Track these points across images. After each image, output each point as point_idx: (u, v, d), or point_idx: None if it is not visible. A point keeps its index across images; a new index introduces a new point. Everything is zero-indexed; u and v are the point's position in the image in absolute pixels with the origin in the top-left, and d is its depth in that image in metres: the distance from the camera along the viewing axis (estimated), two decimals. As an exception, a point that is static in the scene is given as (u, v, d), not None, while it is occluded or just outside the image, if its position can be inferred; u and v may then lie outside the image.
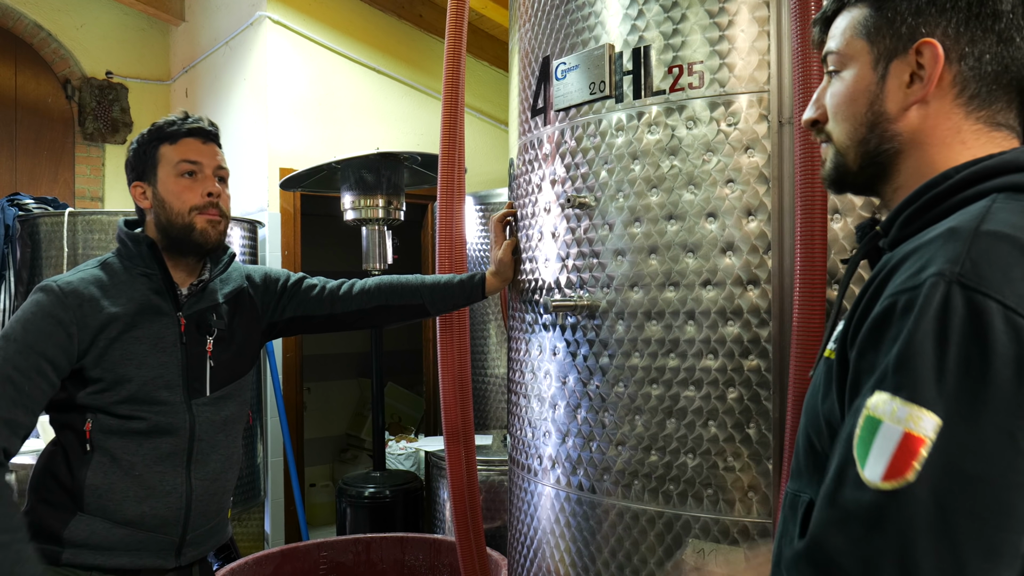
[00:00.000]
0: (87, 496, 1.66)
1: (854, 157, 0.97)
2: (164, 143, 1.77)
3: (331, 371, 6.76)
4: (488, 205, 4.37)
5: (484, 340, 4.38)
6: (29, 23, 5.37)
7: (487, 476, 3.51)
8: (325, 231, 5.68)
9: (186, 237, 1.75)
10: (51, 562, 1.64)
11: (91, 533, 1.65)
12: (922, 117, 0.91)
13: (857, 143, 0.96)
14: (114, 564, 1.67)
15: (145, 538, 1.69)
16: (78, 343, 1.64)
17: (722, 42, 1.57)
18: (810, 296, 1.40)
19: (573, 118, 1.79)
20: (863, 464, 0.74)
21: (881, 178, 0.97)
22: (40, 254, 3.79)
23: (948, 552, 0.68)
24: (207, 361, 1.79)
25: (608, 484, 1.69)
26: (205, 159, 1.78)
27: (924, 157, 0.92)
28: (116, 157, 5.62)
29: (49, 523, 1.66)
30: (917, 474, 0.70)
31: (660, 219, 1.62)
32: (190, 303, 1.79)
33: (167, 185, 1.75)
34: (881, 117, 0.94)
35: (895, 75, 0.92)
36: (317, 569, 3.04)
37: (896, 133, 0.93)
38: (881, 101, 0.94)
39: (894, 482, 0.71)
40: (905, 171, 0.94)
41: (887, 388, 0.74)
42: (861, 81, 0.95)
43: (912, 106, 0.91)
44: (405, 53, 5.25)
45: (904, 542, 0.69)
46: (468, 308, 2.15)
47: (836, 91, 0.99)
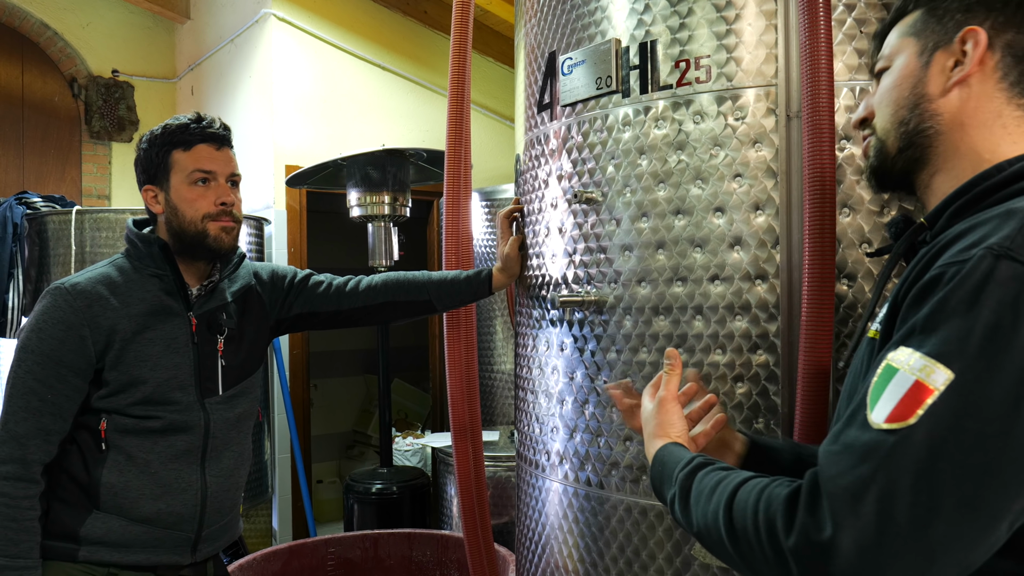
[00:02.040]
0: (103, 494, 1.66)
1: (894, 139, 1.00)
2: (177, 148, 1.75)
3: (338, 368, 6.76)
4: (494, 201, 4.36)
5: (490, 336, 4.38)
6: (35, 22, 5.38)
7: (494, 472, 3.51)
8: (331, 228, 5.68)
9: (200, 243, 1.75)
10: (68, 560, 1.65)
11: (108, 531, 1.66)
12: (963, 99, 0.94)
13: (898, 124, 0.99)
14: (131, 561, 1.68)
15: (161, 535, 1.70)
16: (92, 344, 1.65)
17: (729, 36, 1.56)
18: (819, 291, 1.40)
19: (580, 113, 1.78)
20: (872, 408, 0.78)
21: (919, 162, 0.99)
22: (48, 252, 3.80)
23: (926, 494, 0.72)
24: (219, 360, 1.79)
25: (616, 480, 1.69)
26: (219, 166, 1.77)
27: (964, 138, 0.94)
28: (123, 155, 5.63)
29: (65, 521, 1.67)
30: (918, 418, 0.74)
31: (668, 214, 1.62)
32: (200, 303, 1.79)
33: (180, 192, 1.74)
34: (923, 98, 0.97)
35: (938, 61, 0.96)
36: (325, 565, 3.05)
37: (936, 113, 0.96)
38: (923, 84, 0.97)
39: (895, 424, 0.75)
40: (943, 153, 0.96)
41: (911, 344, 0.78)
42: (906, 68, 0.99)
43: (954, 88, 0.95)
44: (410, 50, 5.24)
45: (890, 478, 0.73)
46: (475, 304, 2.15)
47: (884, 84, 1.03)
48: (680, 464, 1.03)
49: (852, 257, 1.48)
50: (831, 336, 1.40)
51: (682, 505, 0.99)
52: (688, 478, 0.99)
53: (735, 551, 0.86)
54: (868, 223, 1.48)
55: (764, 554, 0.81)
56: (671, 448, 1.10)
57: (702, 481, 0.97)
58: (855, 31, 1.50)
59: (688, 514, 0.97)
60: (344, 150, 3.72)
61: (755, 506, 0.84)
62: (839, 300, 1.46)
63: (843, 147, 1.49)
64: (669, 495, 1.03)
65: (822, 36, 1.41)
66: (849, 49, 1.50)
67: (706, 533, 0.92)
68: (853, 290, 1.48)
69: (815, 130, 1.40)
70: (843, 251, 1.47)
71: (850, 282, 1.48)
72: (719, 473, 0.96)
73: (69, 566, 1.65)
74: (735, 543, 0.86)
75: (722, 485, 0.92)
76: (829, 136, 1.40)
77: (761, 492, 0.85)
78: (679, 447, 1.10)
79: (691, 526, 0.96)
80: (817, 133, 1.40)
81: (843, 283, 1.48)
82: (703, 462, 1.01)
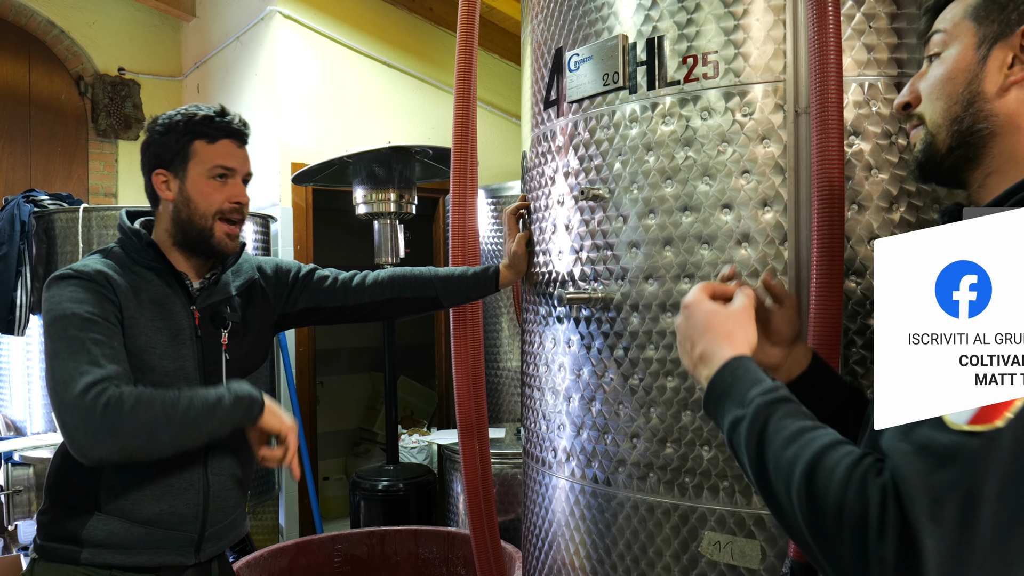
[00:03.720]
0: (104, 496, 1.64)
1: (945, 136, 0.96)
2: (201, 139, 1.74)
3: (344, 365, 6.78)
4: (500, 198, 4.36)
5: (496, 333, 4.38)
6: (42, 20, 5.40)
7: (500, 469, 3.51)
8: (337, 225, 5.69)
9: (203, 241, 1.74)
10: (70, 562, 1.63)
11: (109, 533, 1.64)
12: (1021, 101, 0.91)
13: (950, 121, 0.95)
14: (133, 563, 1.66)
15: (164, 536, 1.68)
16: (120, 308, 1.62)
17: (737, 31, 1.55)
18: (827, 287, 1.39)
19: (586, 110, 1.78)
20: None
21: (971, 162, 0.95)
22: (56, 250, 3.81)
23: (1012, 502, 0.69)
24: (223, 355, 1.78)
25: (623, 476, 1.69)
26: (239, 164, 1.77)
27: (1021, 141, 0.91)
28: (129, 153, 5.65)
29: (67, 523, 1.65)
30: (1008, 421, 0.71)
31: (675, 211, 1.61)
32: (203, 296, 1.77)
33: (197, 184, 1.73)
34: (978, 96, 0.93)
35: (996, 57, 0.92)
36: (332, 562, 3.05)
37: (992, 113, 0.92)
38: (979, 81, 0.93)
39: (979, 426, 0.72)
40: (999, 155, 0.92)
41: None
42: (962, 61, 0.95)
43: (1012, 88, 0.91)
44: (416, 47, 5.24)
45: (974, 482, 0.70)
46: (481, 301, 2.15)
47: (935, 73, 0.98)
48: (759, 388, 0.93)
49: (861, 253, 1.47)
50: (839, 332, 1.39)
51: (749, 434, 0.90)
52: (767, 408, 0.90)
53: (804, 517, 0.81)
54: (877, 219, 1.47)
55: (841, 538, 0.77)
56: (747, 364, 0.99)
57: (783, 420, 0.88)
58: (864, 26, 1.49)
59: (752, 448, 0.89)
60: (350, 147, 3.72)
61: (844, 484, 0.78)
62: (847, 297, 1.46)
63: (852, 143, 1.48)
64: (732, 416, 0.93)
65: (831, 31, 1.40)
66: (858, 44, 1.49)
67: (768, 480, 0.86)
68: (861, 287, 1.47)
69: (823, 126, 1.40)
70: (851, 247, 1.47)
71: (858, 279, 1.47)
72: (803, 420, 0.88)
73: (71, 568, 1.63)
74: (808, 511, 0.80)
75: (806, 438, 0.85)
76: (838, 132, 1.39)
77: (851, 470, 0.79)
78: (755, 365, 0.99)
79: (750, 463, 0.89)
80: (825, 129, 1.39)
81: (851, 280, 1.47)
82: (786, 396, 0.92)
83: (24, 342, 4.01)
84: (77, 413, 1.47)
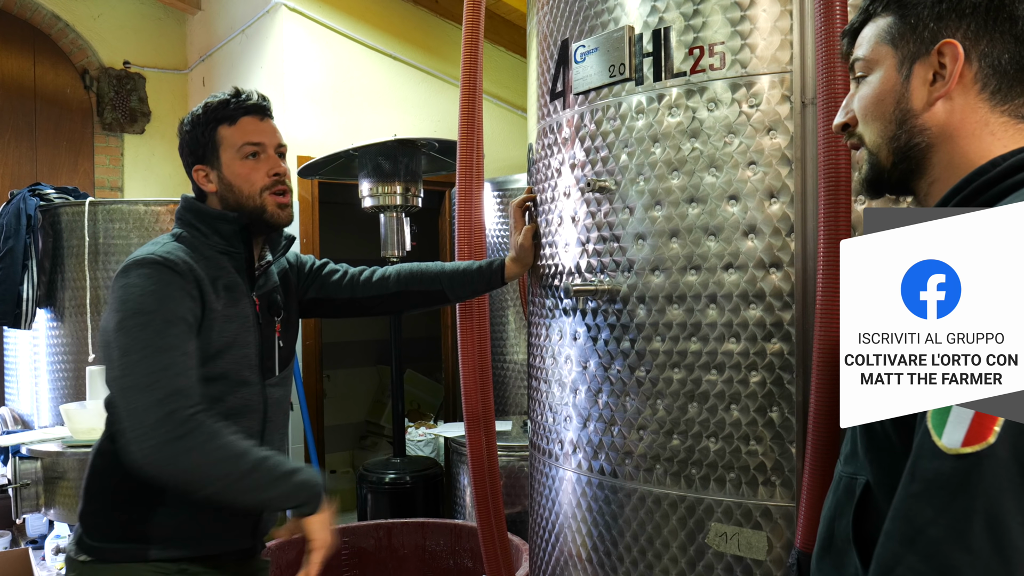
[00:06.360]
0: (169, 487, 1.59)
1: (887, 154, 1.01)
2: (222, 124, 1.73)
3: (350, 358, 6.78)
4: (506, 191, 4.36)
5: (503, 326, 4.38)
6: (47, 14, 5.40)
7: (507, 462, 3.52)
8: (343, 218, 5.69)
9: (258, 218, 1.74)
10: (137, 561, 1.61)
11: (177, 525, 1.62)
12: (948, 111, 0.95)
13: (888, 139, 1.00)
14: (202, 552, 1.66)
15: (228, 521, 1.69)
16: (196, 302, 1.60)
17: (743, 22, 1.55)
18: (834, 279, 1.39)
19: (592, 101, 1.77)
20: (939, 434, 0.75)
21: (915, 173, 1.00)
22: (62, 244, 3.82)
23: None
24: (276, 341, 1.79)
25: (630, 468, 1.69)
26: (267, 137, 1.76)
27: (956, 149, 0.95)
28: (135, 147, 5.66)
29: (129, 523, 1.62)
30: (997, 435, 0.72)
31: (681, 202, 1.61)
32: (259, 283, 1.78)
33: (233, 168, 1.73)
34: (908, 114, 0.98)
35: (918, 75, 0.97)
36: (339, 554, 3.06)
37: (924, 127, 0.97)
38: (907, 99, 0.98)
39: (975, 446, 0.73)
40: (939, 164, 0.97)
41: None
42: (887, 83, 1.00)
43: (936, 102, 0.95)
44: (421, 39, 5.23)
45: (991, 502, 0.71)
46: (487, 294, 2.15)
47: (864, 94, 1.03)
48: None
49: (868, 245, 1.47)
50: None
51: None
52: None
53: None
54: (884, 210, 1.47)
55: None
56: None
57: None
58: (871, 16, 1.49)
59: None
60: (356, 140, 3.72)
61: None
62: (855, 288, 1.45)
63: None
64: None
65: (837, 22, 1.39)
66: (865, 35, 1.49)
67: None
68: (869, 278, 1.47)
69: (830, 117, 1.39)
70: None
71: (866, 270, 1.47)
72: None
73: (139, 567, 1.60)
74: None
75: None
76: (845, 123, 1.39)
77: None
78: None
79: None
80: (832, 120, 1.39)
81: (859, 271, 1.47)
82: None
83: (31, 336, 4.03)
84: (148, 423, 1.45)
